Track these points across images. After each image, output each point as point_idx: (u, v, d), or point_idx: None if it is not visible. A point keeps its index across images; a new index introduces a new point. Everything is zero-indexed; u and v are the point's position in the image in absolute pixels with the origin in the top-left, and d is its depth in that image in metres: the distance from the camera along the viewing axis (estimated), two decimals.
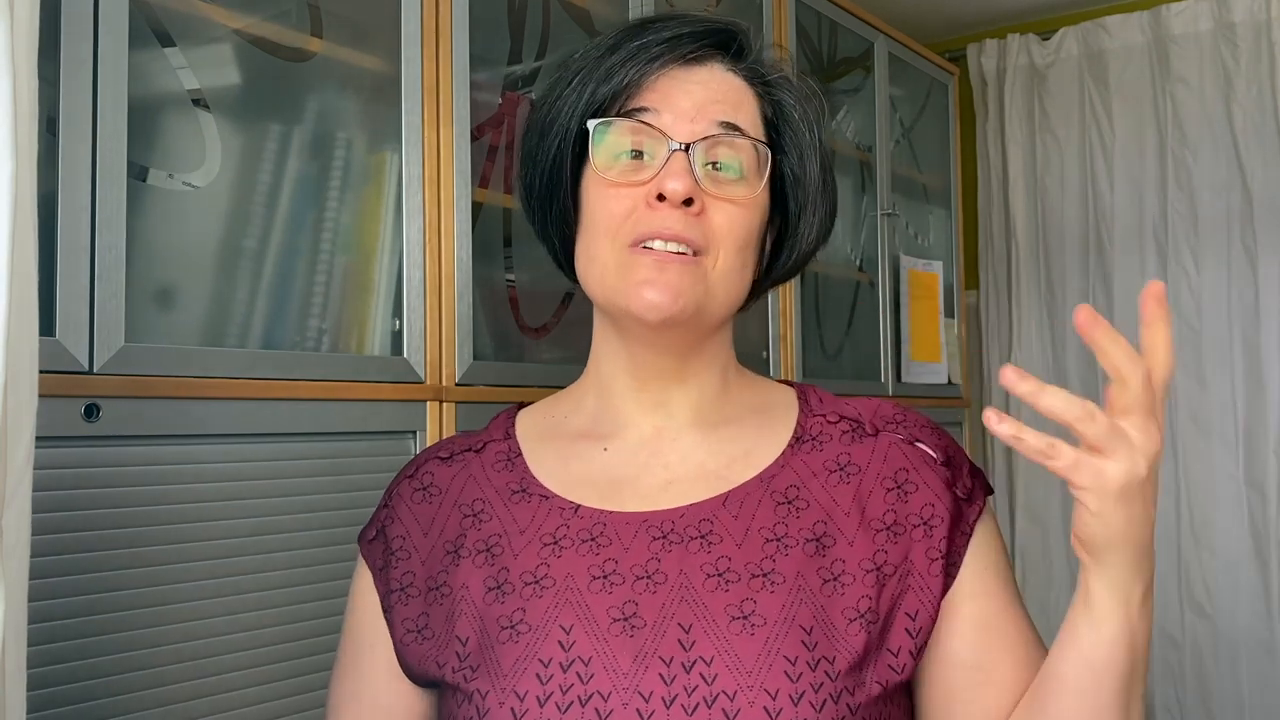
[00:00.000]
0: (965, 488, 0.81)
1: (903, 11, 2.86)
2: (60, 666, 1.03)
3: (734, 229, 0.79)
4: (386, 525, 0.87)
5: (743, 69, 0.82)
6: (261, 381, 1.21)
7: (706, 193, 0.78)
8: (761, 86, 0.83)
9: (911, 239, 2.64)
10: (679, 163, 0.76)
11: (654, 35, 0.80)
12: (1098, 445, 0.63)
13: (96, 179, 1.06)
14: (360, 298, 1.36)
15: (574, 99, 0.81)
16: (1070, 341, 2.86)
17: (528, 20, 1.59)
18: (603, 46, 0.81)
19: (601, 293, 0.81)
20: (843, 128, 2.39)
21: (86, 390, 1.05)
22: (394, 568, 0.85)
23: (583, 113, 0.80)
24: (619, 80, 0.79)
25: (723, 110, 0.79)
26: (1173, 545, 2.68)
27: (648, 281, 0.76)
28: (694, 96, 0.79)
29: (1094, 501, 0.64)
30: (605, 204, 0.79)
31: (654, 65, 0.79)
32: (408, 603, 0.83)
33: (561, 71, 0.83)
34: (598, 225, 0.80)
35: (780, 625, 0.74)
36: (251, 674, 1.19)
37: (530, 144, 0.85)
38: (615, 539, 0.79)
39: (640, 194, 0.78)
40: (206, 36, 1.21)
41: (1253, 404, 2.61)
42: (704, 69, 0.80)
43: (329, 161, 1.33)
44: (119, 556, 1.08)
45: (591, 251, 0.81)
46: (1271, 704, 2.54)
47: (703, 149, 0.78)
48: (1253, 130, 2.61)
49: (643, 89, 0.79)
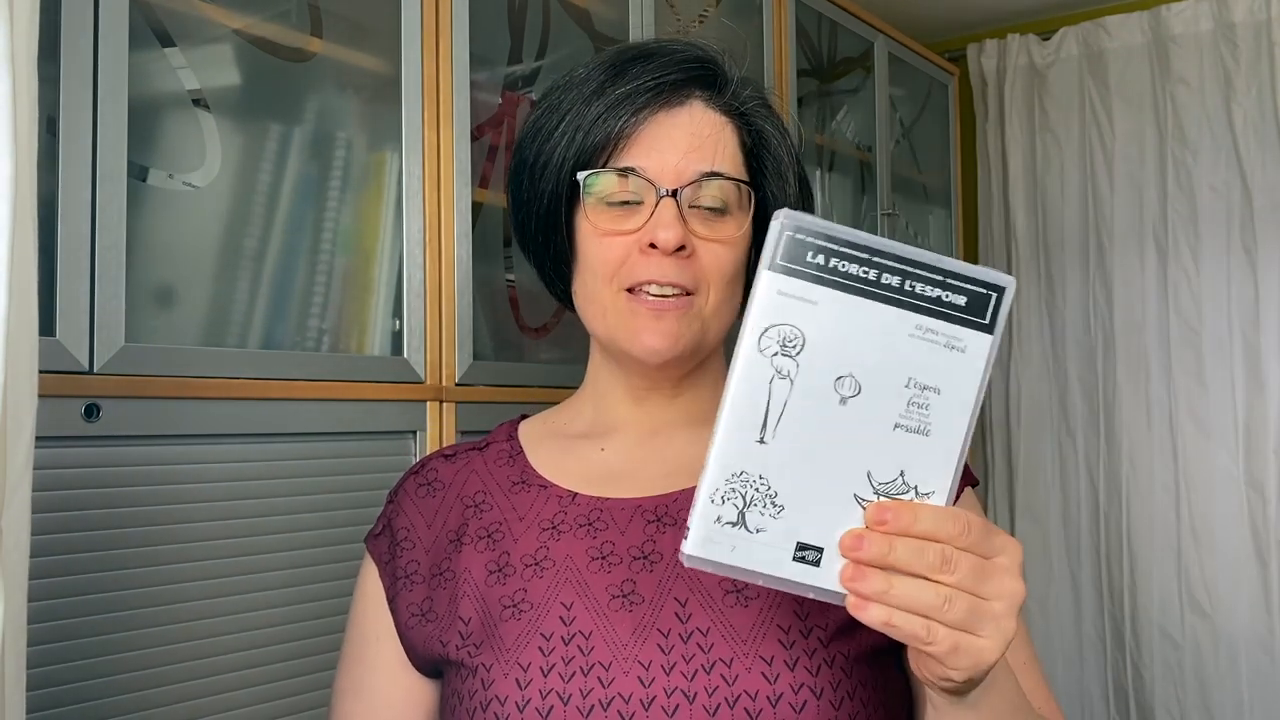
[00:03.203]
0: None
1: (903, 11, 2.86)
2: (60, 666, 1.03)
3: (722, 267, 0.82)
4: (392, 518, 0.90)
5: (722, 104, 0.85)
6: (261, 381, 1.21)
7: (695, 234, 0.81)
8: (739, 118, 0.86)
9: (911, 239, 2.64)
10: (668, 210, 0.79)
11: (637, 82, 0.82)
12: (962, 629, 0.60)
13: (96, 179, 1.06)
14: (360, 298, 1.36)
15: (563, 147, 0.83)
16: (1070, 341, 2.86)
17: (528, 20, 1.59)
18: (587, 89, 0.83)
19: (603, 332, 0.84)
20: (843, 128, 2.39)
21: (86, 390, 1.05)
22: (399, 557, 0.88)
23: (573, 162, 0.82)
24: (606, 132, 0.81)
25: (704, 157, 0.81)
26: (1173, 545, 2.68)
27: (646, 329, 0.80)
28: (679, 144, 0.81)
29: (962, 677, 0.61)
30: (599, 251, 0.82)
31: (639, 115, 0.81)
32: (412, 589, 0.86)
33: (546, 113, 0.85)
34: (594, 271, 0.83)
35: (773, 596, 0.77)
36: (252, 674, 1.19)
37: (521, 187, 0.87)
38: (612, 523, 0.83)
39: (632, 241, 0.81)
40: (206, 36, 1.21)
41: (1253, 404, 2.60)
42: (685, 110, 0.83)
43: (329, 161, 1.33)
44: (119, 556, 1.08)
45: (589, 293, 0.84)
46: (1271, 704, 2.54)
47: (689, 192, 0.81)
48: (1253, 130, 2.61)
49: (629, 139, 0.81)
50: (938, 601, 0.59)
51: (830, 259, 0.59)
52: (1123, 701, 2.74)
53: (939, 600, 0.59)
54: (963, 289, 0.60)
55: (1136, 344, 2.76)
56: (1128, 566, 2.74)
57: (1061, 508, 2.87)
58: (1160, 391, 2.72)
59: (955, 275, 0.60)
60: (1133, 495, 2.74)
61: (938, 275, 0.60)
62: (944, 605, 0.59)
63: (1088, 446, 2.83)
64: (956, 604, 0.59)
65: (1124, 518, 2.75)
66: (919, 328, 0.60)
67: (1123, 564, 2.75)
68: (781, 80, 2.12)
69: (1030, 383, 2.92)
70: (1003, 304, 0.61)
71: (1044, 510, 2.89)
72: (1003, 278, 0.61)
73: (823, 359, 0.60)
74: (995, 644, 0.60)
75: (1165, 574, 2.69)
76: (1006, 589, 0.61)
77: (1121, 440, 2.76)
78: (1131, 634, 2.72)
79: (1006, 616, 0.60)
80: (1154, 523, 2.71)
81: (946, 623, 0.59)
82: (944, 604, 0.59)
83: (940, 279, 0.60)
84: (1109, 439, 2.79)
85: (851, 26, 2.39)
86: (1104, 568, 2.78)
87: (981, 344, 0.61)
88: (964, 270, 0.60)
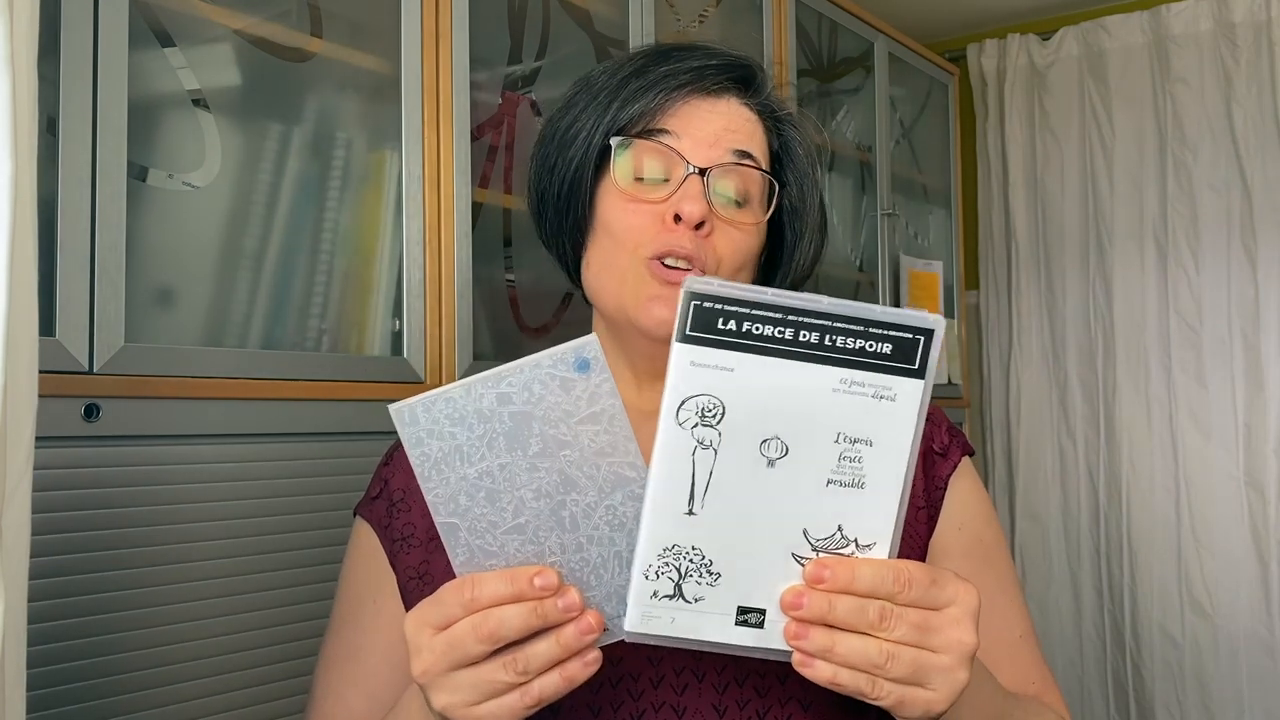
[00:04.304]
0: (941, 444, 0.86)
1: (903, 11, 2.86)
2: (60, 666, 1.03)
3: (736, 251, 0.83)
4: (389, 480, 0.89)
5: (757, 104, 0.86)
6: (261, 381, 1.21)
7: (716, 215, 0.81)
8: (772, 121, 0.87)
9: (911, 239, 2.64)
10: (695, 186, 0.80)
11: (680, 64, 0.83)
12: (908, 683, 0.61)
13: (96, 179, 1.06)
14: (360, 298, 1.36)
15: (597, 115, 0.84)
16: (1070, 341, 2.86)
17: (528, 20, 1.59)
18: (627, 68, 0.85)
19: (614, 301, 0.83)
20: (843, 128, 2.39)
21: (86, 390, 1.05)
22: (396, 519, 0.87)
23: (606, 129, 0.83)
24: (645, 103, 0.82)
25: (737, 140, 0.83)
26: (1173, 545, 2.68)
27: (658, 298, 0.80)
28: (712, 125, 0.83)
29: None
30: (624, 217, 0.82)
31: (678, 93, 0.83)
32: (410, 551, 0.85)
33: (582, 88, 0.86)
34: (616, 237, 0.83)
35: None
36: (251, 674, 1.19)
37: (547, 155, 0.88)
38: None
39: (657, 211, 0.81)
40: (206, 36, 1.21)
41: (1253, 404, 2.61)
42: (723, 101, 0.84)
43: (329, 161, 1.33)
44: (119, 556, 1.08)
45: (608, 260, 0.84)
46: (1271, 704, 2.54)
47: (717, 175, 0.81)
48: (1253, 130, 2.61)
49: (665, 113, 0.83)
50: (880, 659, 0.59)
51: (743, 323, 0.58)
52: (1123, 701, 2.74)
53: (881, 658, 0.59)
54: (888, 336, 0.59)
55: (1136, 344, 2.76)
56: (1128, 566, 2.74)
57: (1061, 508, 2.87)
58: (1160, 391, 2.72)
59: (878, 324, 0.59)
60: (1133, 495, 2.74)
61: (859, 326, 0.59)
62: (887, 662, 0.59)
63: (1088, 446, 2.83)
64: (900, 659, 0.59)
65: (1124, 518, 2.75)
66: (844, 381, 0.59)
67: (1123, 564, 2.75)
68: (781, 80, 2.12)
69: (1030, 383, 2.92)
70: (933, 346, 0.59)
71: (1044, 510, 2.90)
72: (929, 319, 0.59)
73: (745, 424, 0.59)
74: (943, 695, 0.60)
75: (1165, 574, 2.69)
76: (953, 641, 0.60)
77: (1121, 440, 2.76)
78: (1131, 634, 2.72)
79: (956, 668, 0.60)
80: (1154, 523, 2.71)
81: (891, 678, 0.59)
82: (887, 661, 0.59)
83: (862, 329, 0.59)
84: (1109, 439, 2.79)
85: (851, 26, 2.39)
86: (1104, 568, 2.78)
87: (913, 390, 0.60)
88: (888, 318, 0.59)
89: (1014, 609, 0.85)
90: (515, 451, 0.61)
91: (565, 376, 0.61)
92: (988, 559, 0.85)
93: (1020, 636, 0.85)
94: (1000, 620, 0.84)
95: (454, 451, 0.61)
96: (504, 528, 0.62)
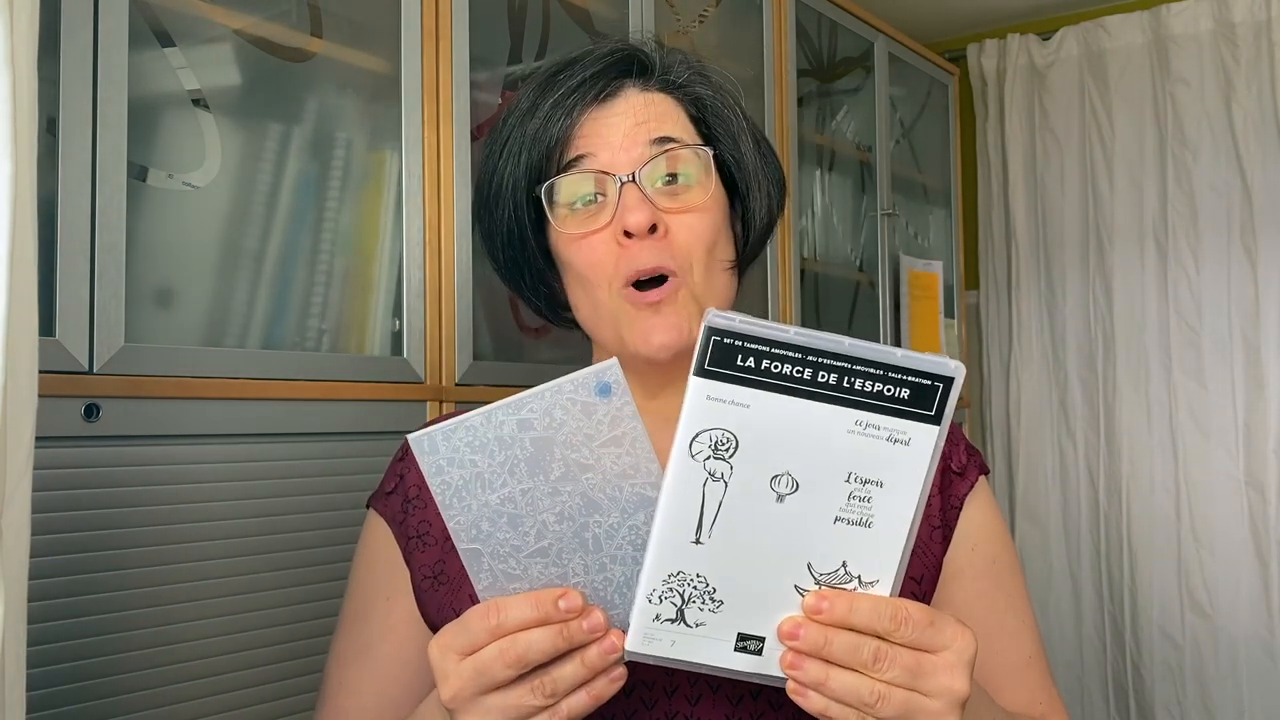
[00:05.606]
0: (959, 463, 0.86)
1: (903, 11, 2.86)
2: (60, 666, 1.03)
3: (699, 237, 0.81)
4: (404, 475, 0.89)
5: (655, 83, 0.84)
6: (261, 381, 1.21)
7: (666, 211, 0.80)
8: (677, 91, 0.85)
9: (911, 239, 2.64)
10: (630, 195, 0.79)
11: (565, 86, 0.82)
12: None
13: (96, 179, 1.06)
14: (360, 298, 1.36)
15: (512, 168, 0.83)
16: (1070, 341, 2.86)
17: (528, 20, 1.59)
18: (521, 111, 0.84)
19: (612, 336, 0.82)
20: (843, 128, 2.39)
21: (86, 390, 1.05)
22: (411, 516, 0.86)
23: (525, 180, 0.82)
24: (547, 141, 0.81)
25: (649, 129, 0.81)
26: (1173, 545, 2.68)
27: (654, 327, 0.79)
28: (619, 128, 0.81)
29: None
30: (583, 256, 0.81)
31: (576, 112, 0.81)
32: (425, 549, 0.85)
33: (491, 145, 0.86)
34: (583, 277, 0.82)
35: None
36: (251, 674, 1.19)
37: (484, 221, 0.88)
38: None
39: (608, 236, 0.80)
40: (206, 36, 1.21)
41: (1253, 404, 2.61)
42: (620, 100, 0.83)
43: (329, 161, 1.33)
44: (119, 556, 1.08)
45: (592, 299, 0.82)
46: (1271, 704, 2.54)
47: (646, 172, 0.80)
48: (1253, 130, 2.61)
49: (574, 139, 0.81)
50: (870, 699, 0.59)
51: (761, 360, 0.58)
52: (1123, 701, 2.74)
53: (872, 697, 0.59)
54: (907, 382, 0.59)
55: (1136, 344, 2.76)
56: (1128, 566, 2.74)
57: (1061, 508, 2.87)
58: (1160, 391, 2.72)
59: (898, 369, 0.58)
60: (1133, 495, 2.74)
61: (878, 370, 0.58)
62: (877, 702, 0.59)
63: (1088, 446, 2.83)
64: (891, 700, 0.60)
65: (1124, 518, 2.75)
66: (859, 423, 0.59)
67: (1123, 564, 2.75)
68: (781, 80, 2.12)
69: (1030, 383, 2.92)
70: (951, 393, 0.59)
71: (1044, 510, 2.90)
72: (949, 366, 0.59)
73: (757, 460, 0.59)
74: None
75: (1165, 574, 2.69)
76: (944, 687, 0.61)
77: (1121, 440, 2.76)
78: (1131, 634, 2.72)
79: (945, 714, 0.61)
80: (1154, 523, 2.71)
81: (880, 718, 0.60)
82: (877, 701, 0.59)
83: (881, 373, 0.58)
84: (1109, 439, 2.79)
85: (851, 26, 2.39)
86: (1104, 568, 2.78)
87: (927, 436, 0.60)
88: (908, 363, 0.58)
89: (1024, 630, 0.85)
90: (537, 476, 0.61)
91: (586, 401, 0.61)
92: (1000, 580, 0.85)
93: (1029, 658, 0.85)
94: (1010, 641, 0.84)
95: (475, 479, 0.61)
96: (527, 551, 0.62)
